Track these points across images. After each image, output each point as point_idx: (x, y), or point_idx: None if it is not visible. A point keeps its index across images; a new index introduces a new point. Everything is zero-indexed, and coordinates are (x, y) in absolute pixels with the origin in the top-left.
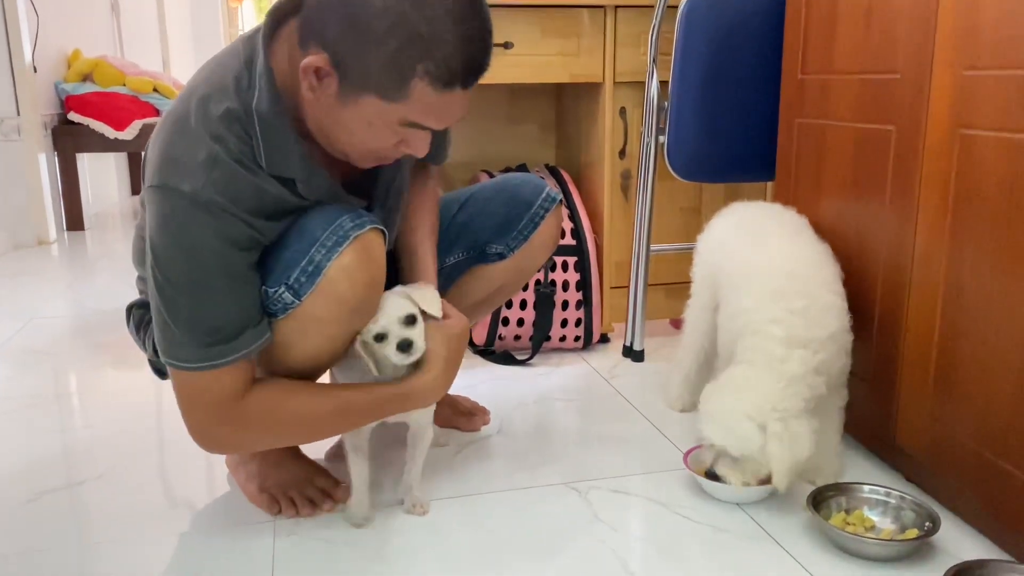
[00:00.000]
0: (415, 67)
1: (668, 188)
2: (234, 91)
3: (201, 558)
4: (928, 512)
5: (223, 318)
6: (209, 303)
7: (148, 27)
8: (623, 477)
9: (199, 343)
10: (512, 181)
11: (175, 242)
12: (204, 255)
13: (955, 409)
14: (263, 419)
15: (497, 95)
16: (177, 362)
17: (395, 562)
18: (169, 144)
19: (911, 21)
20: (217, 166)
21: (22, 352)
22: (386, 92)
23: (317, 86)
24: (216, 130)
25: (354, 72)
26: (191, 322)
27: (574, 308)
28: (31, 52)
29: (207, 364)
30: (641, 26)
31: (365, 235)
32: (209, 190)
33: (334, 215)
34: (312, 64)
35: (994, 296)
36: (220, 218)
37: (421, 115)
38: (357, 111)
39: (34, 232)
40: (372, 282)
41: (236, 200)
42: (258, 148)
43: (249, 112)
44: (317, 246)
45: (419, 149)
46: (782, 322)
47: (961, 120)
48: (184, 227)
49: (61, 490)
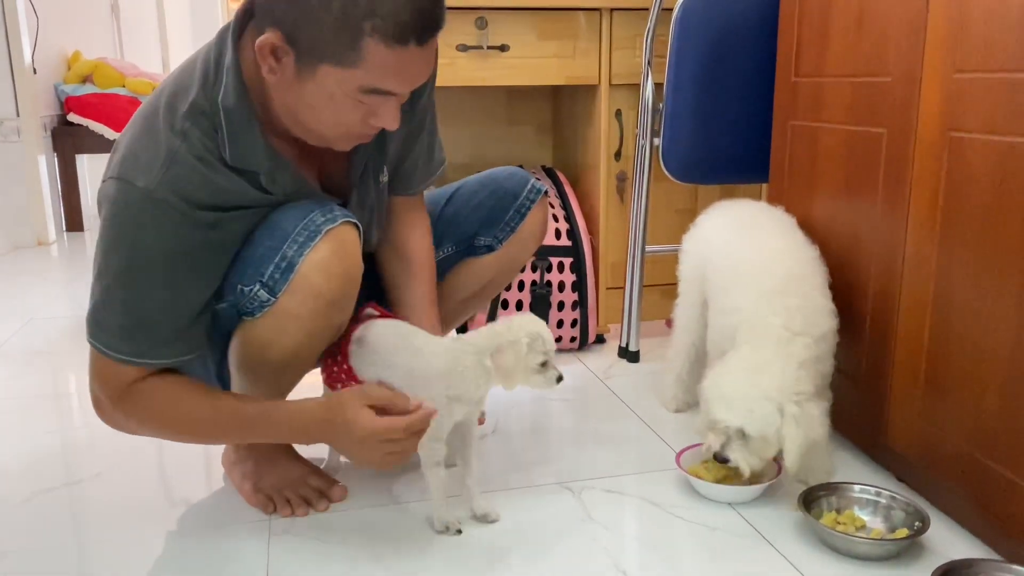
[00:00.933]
0: (362, 25)
1: (663, 190)
2: (200, 87)
3: (196, 556)
4: (918, 511)
5: (153, 317)
6: (143, 299)
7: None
8: (616, 477)
9: (124, 335)
10: (498, 174)
11: (121, 234)
12: (147, 251)
13: (945, 409)
14: (152, 414)
15: (494, 97)
16: (98, 343)
17: (389, 561)
18: (134, 139)
19: (902, 25)
20: (175, 163)
21: (21, 352)
22: (340, 58)
23: (276, 67)
24: (181, 126)
25: (306, 43)
26: (123, 313)
27: (570, 309)
28: (31, 53)
29: (123, 357)
30: (636, 29)
31: (338, 228)
32: (164, 188)
33: (305, 210)
34: (267, 42)
35: (983, 297)
36: (170, 217)
37: (379, 78)
38: (317, 85)
39: (33, 233)
40: (347, 275)
41: (191, 198)
42: (223, 142)
43: (215, 106)
44: (289, 242)
45: (388, 120)
46: (780, 315)
47: (951, 123)
48: (132, 221)
49: (59, 488)
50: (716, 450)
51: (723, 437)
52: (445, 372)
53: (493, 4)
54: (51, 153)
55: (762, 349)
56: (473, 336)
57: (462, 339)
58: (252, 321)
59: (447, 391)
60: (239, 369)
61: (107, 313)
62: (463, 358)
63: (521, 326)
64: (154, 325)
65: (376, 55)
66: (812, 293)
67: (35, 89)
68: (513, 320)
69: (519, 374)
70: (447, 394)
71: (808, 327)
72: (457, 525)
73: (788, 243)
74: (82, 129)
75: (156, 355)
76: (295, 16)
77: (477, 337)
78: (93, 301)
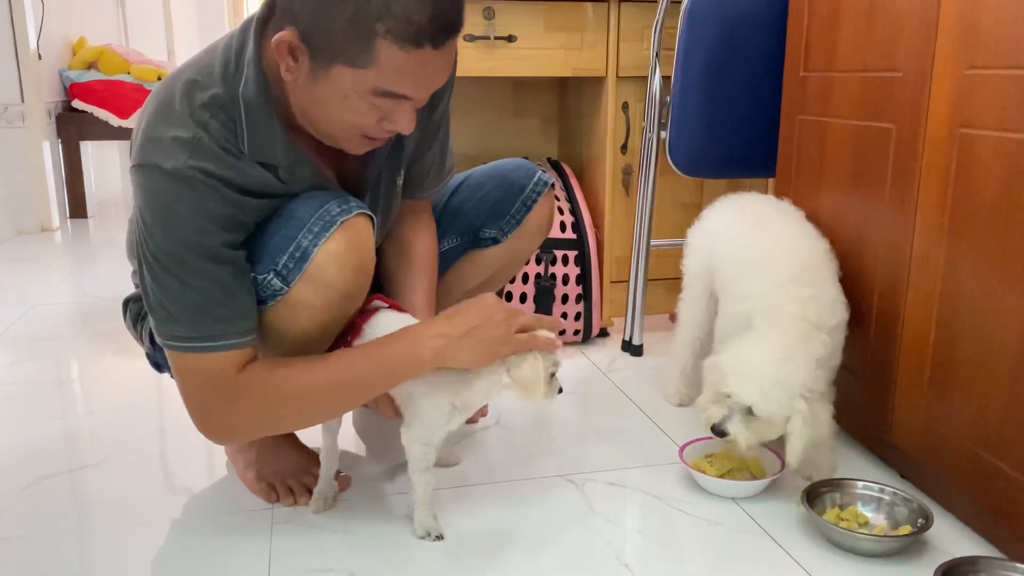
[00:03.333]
0: (375, 26)
1: (669, 183)
2: (220, 77)
3: (198, 545)
4: (921, 509)
5: (211, 293)
6: (196, 275)
7: (153, 16)
8: (619, 470)
9: (193, 321)
10: (504, 166)
11: (157, 219)
12: (185, 226)
13: (950, 406)
14: (264, 396)
15: (500, 88)
16: (171, 341)
17: (391, 551)
18: (152, 126)
19: (913, 20)
20: (199, 151)
21: (24, 338)
22: (353, 58)
23: (293, 66)
24: (200, 117)
25: (321, 42)
26: (181, 297)
27: (574, 302)
28: (36, 39)
29: (205, 344)
30: (644, 21)
31: (352, 220)
32: (190, 168)
33: (321, 200)
34: (283, 40)
35: (990, 294)
36: (199, 192)
37: (392, 80)
38: (331, 85)
39: (37, 219)
40: (361, 266)
41: (219, 176)
42: (242, 135)
43: (235, 98)
44: (304, 231)
45: (403, 124)
46: (796, 304)
47: (961, 119)
48: (166, 204)
49: (61, 475)
50: (716, 422)
51: (725, 411)
52: (455, 382)
53: None
54: (55, 139)
55: (785, 336)
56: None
57: None
58: (264, 309)
59: (454, 399)
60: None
61: (168, 304)
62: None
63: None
64: (214, 303)
65: (389, 57)
66: (825, 284)
67: (40, 75)
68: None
69: (539, 387)
70: (454, 402)
71: (823, 317)
72: (439, 530)
73: (801, 234)
74: (86, 116)
75: (232, 333)
76: (311, 14)
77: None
78: (150, 301)
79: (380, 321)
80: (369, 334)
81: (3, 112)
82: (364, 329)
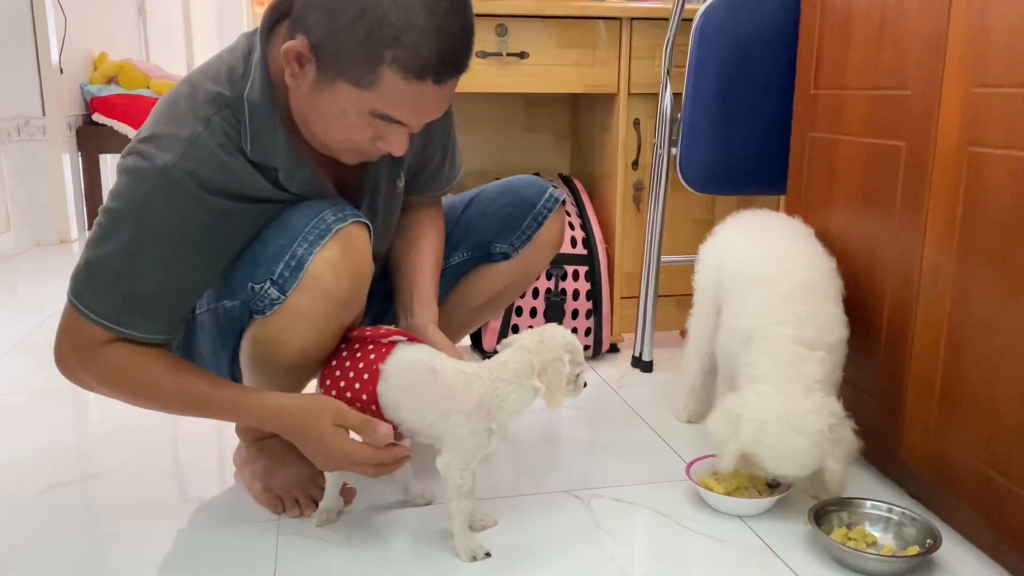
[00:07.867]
0: (383, 53)
1: (680, 199)
2: (227, 79)
3: (206, 554)
4: (930, 529)
5: (143, 292)
6: (139, 273)
7: (174, 31)
8: (626, 487)
9: (110, 302)
10: (516, 182)
11: (131, 206)
12: (153, 228)
13: (960, 426)
14: (117, 377)
15: (513, 104)
16: (79, 303)
17: (397, 564)
18: (156, 123)
19: (922, 38)
20: (196, 146)
21: (41, 347)
22: (357, 78)
23: (299, 72)
24: (204, 112)
25: (329, 56)
26: (114, 281)
27: (584, 317)
28: (58, 53)
29: (103, 322)
30: (656, 38)
31: (348, 228)
32: (180, 169)
33: (316, 209)
34: (293, 48)
35: (1001, 314)
36: (182, 197)
37: (391, 106)
38: (332, 98)
39: (56, 230)
40: (357, 274)
41: (206, 183)
42: (245, 135)
43: (240, 99)
44: (299, 240)
45: (396, 146)
46: (790, 324)
47: (970, 137)
48: (144, 195)
49: (74, 483)
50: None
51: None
52: (485, 405)
53: (513, 11)
54: (75, 152)
55: (783, 381)
56: (503, 360)
57: (492, 367)
58: (263, 319)
59: (491, 424)
60: (250, 368)
61: (98, 277)
62: (501, 387)
63: (555, 340)
64: (142, 299)
65: (392, 84)
66: (825, 302)
67: (61, 89)
68: (544, 334)
69: (562, 390)
70: (491, 426)
71: (821, 335)
72: (484, 548)
73: (804, 252)
74: (106, 129)
75: (136, 328)
76: (325, 28)
77: (508, 361)
78: (85, 261)
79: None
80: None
81: (24, 125)
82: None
